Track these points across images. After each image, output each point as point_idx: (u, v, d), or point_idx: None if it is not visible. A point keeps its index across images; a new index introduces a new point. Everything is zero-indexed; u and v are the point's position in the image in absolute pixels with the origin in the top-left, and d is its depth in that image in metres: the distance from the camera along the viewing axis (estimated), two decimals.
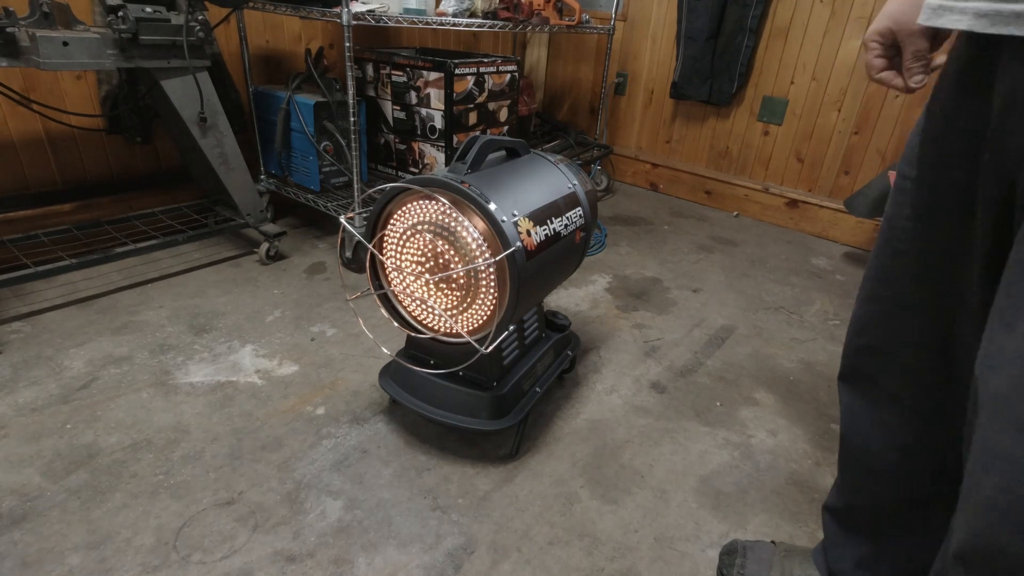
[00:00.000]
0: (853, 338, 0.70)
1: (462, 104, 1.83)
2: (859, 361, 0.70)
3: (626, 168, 2.85)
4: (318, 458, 1.05)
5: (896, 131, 2.09)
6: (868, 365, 0.68)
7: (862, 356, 0.69)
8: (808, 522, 0.99)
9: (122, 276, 1.62)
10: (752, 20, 2.23)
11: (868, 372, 0.69)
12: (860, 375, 0.70)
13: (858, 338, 0.69)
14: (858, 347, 0.69)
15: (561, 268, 1.08)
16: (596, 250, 2.04)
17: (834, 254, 2.17)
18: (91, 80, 1.65)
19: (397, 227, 0.97)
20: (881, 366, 0.67)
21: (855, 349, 0.70)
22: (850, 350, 0.71)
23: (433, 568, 0.86)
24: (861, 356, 0.69)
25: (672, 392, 1.30)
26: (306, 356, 1.33)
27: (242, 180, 1.66)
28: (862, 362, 0.69)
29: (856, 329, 0.69)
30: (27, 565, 0.82)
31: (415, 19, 1.62)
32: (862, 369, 0.70)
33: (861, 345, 0.69)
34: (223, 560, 0.85)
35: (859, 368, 0.70)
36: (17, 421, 1.08)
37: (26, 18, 1.22)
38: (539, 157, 1.11)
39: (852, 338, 0.70)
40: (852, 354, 0.71)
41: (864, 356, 0.69)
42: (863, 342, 0.68)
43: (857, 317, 0.69)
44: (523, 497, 0.99)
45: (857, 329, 0.69)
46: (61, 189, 1.67)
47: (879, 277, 0.65)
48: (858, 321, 0.69)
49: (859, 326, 0.69)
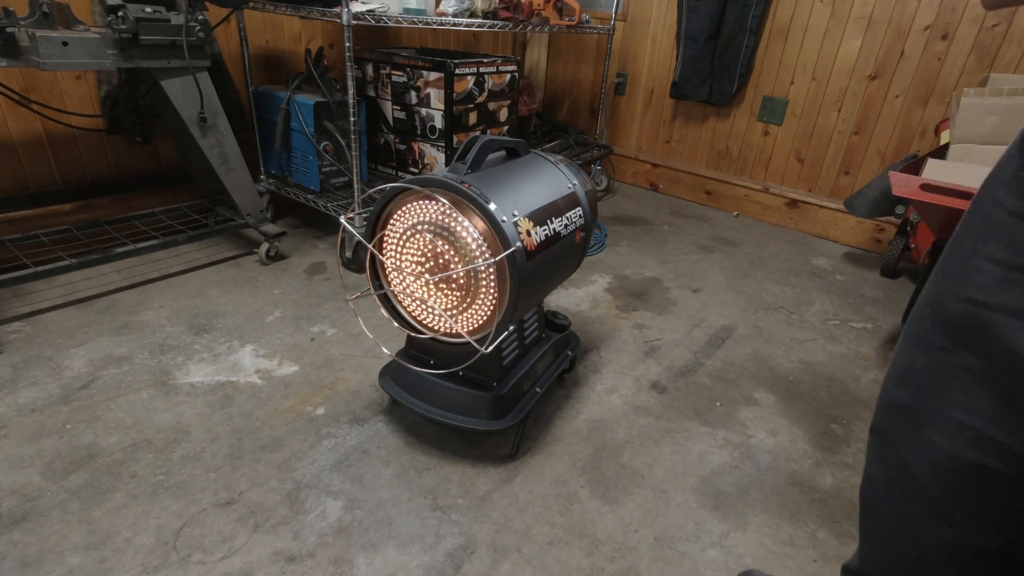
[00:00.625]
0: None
1: (462, 104, 1.83)
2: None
3: (626, 168, 2.85)
4: (318, 458, 1.05)
5: (896, 131, 2.09)
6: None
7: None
8: (808, 522, 0.99)
9: (122, 276, 1.62)
10: (752, 20, 2.23)
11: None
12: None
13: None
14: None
15: (561, 268, 1.08)
16: (596, 250, 2.04)
17: (834, 254, 2.17)
18: (91, 80, 1.65)
19: (397, 227, 0.97)
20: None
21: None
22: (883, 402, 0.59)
23: (433, 568, 0.86)
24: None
25: (672, 392, 1.30)
26: (306, 356, 1.33)
27: (242, 180, 1.66)
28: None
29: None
30: (27, 565, 0.82)
31: (415, 19, 1.62)
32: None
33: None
34: (223, 560, 0.85)
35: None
36: (17, 421, 1.08)
37: (26, 18, 1.22)
38: (539, 157, 1.10)
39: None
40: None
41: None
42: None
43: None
44: (523, 497, 0.99)
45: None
46: (61, 189, 1.67)
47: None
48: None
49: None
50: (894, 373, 0.57)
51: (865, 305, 1.78)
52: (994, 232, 0.47)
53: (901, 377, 0.56)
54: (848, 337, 1.59)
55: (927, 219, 1.44)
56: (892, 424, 0.57)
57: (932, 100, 2.00)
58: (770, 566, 0.91)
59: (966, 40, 1.88)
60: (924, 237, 1.72)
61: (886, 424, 0.58)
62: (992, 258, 0.47)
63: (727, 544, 0.94)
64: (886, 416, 0.58)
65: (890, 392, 0.58)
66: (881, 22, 2.02)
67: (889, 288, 1.91)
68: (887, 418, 0.58)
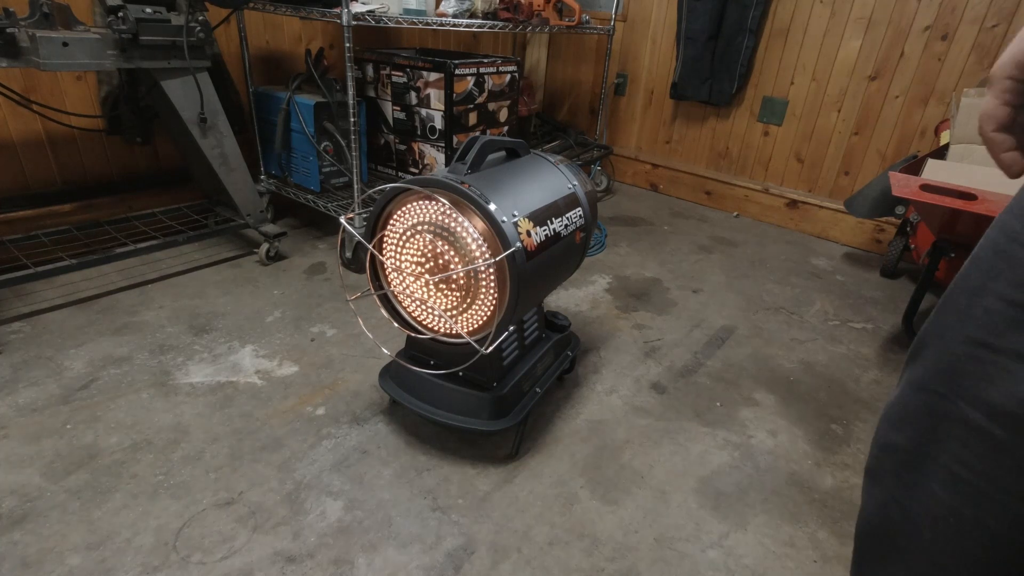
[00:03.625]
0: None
1: (462, 105, 1.83)
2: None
3: (626, 168, 2.86)
4: (318, 458, 1.05)
5: (896, 132, 2.09)
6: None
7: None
8: (808, 523, 0.99)
9: (122, 276, 1.62)
10: (752, 21, 2.23)
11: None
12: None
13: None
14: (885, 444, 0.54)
15: (561, 268, 1.08)
16: (596, 250, 2.04)
17: (834, 254, 2.17)
18: (91, 81, 1.65)
19: (397, 227, 0.97)
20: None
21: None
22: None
23: (433, 568, 0.86)
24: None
25: (672, 392, 1.30)
26: (306, 357, 1.33)
27: (242, 180, 1.66)
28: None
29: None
30: (27, 566, 0.82)
31: (415, 20, 1.62)
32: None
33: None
34: (223, 560, 0.85)
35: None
36: (17, 422, 1.08)
37: (26, 19, 1.22)
38: (539, 157, 1.11)
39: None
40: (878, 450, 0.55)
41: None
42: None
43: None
44: (523, 497, 0.99)
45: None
46: (61, 189, 1.68)
47: None
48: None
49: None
50: (891, 414, 0.54)
51: (865, 305, 1.78)
52: (1008, 268, 0.43)
53: (899, 419, 0.53)
54: (848, 337, 1.59)
55: (927, 219, 1.44)
56: (888, 468, 0.54)
57: (932, 100, 2.00)
58: (770, 566, 0.91)
59: (966, 40, 1.89)
60: (924, 237, 1.72)
61: (882, 468, 0.55)
62: (1003, 296, 0.43)
63: (727, 544, 0.94)
64: (882, 459, 0.55)
65: (886, 434, 0.54)
66: (881, 22, 2.03)
67: (889, 288, 1.91)
68: (883, 461, 0.55)
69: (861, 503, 0.58)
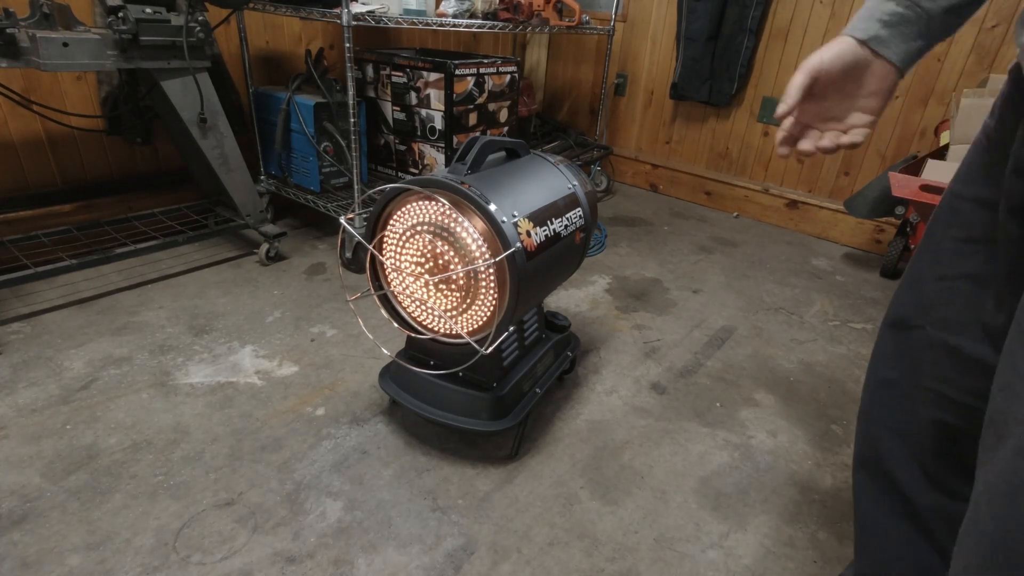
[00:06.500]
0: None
1: (462, 105, 1.83)
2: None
3: (626, 169, 2.86)
4: (318, 459, 1.05)
5: (896, 132, 2.09)
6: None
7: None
8: (808, 523, 0.99)
9: (122, 277, 1.62)
10: (752, 21, 2.23)
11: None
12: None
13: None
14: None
15: (561, 269, 1.08)
16: (596, 251, 2.04)
17: (834, 255, 2.17)
18: (91, 81, 1.65)
19: (397, 228, 0.97)
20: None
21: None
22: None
23: (433, 569, 0.86)
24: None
25: (672, 393, 1.30)
26: (306, 357, 1.33)
27: (242, 181, 1.66)
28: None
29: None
30: (27, 566, 0.82)
31: (415, 20, 1.62)
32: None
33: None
34: (223, 561, 0.85)
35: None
36: (17, 422, 1.08)
37: (26, 19, 1.22)
38: (539, 158, 1.11)
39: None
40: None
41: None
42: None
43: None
44: (523, 498, 0.99)
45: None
46: (61, 190, 1.67)
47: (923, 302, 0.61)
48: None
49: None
50: (877, 358, 0.66)
51: (865, 306, 1.78)
52: (955, 219, 0.57)
53: (884, 360, 0.65)
54: (848, 338, 1.59)
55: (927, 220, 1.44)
56: (881, 402, 0.65)
57: (932, 101, 2.00)
58: (770, 567, 0.91)
59: (966, 41, 1.89)
60: None
61: (875, 404, 0.66)
62: (954, 238, 0.57)
63: (727, 545, 0.94)
64: (875, 396, 0.66)
65: (877, 373, 0.66)
66: None
67: (889, 289, 1.91)
68: (876, 398, 0.66)
69: (855, 447, 0.70)
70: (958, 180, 0.58)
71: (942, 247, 0.58)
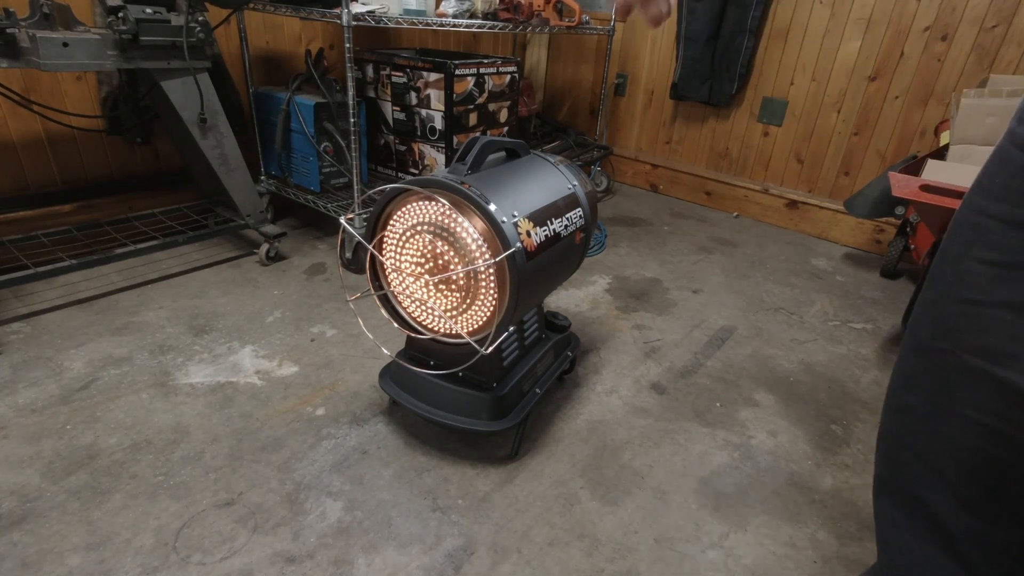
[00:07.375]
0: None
1: (462, 105, 1.83)
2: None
3: (626, 169, 2.86)
4: (318, 459, 1.05)
5: (896, 132, 2.09)
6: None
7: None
8: (808, 523, 0.99)
9: (122, 277, 1.62)
10: (752, 21, 2.23)
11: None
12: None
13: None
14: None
15: (561, 269, 1.08)
16: (596, 251, 2.04)
17: (834, 255, 2.17)
18: (91, 81, 1.65)
19: (397, 228, 0.97)
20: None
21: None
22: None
23: (433, 569, 0.86)
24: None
25: (672, 393, 1.30)
26: (306, 357, 1.33)
27: (242, 181, 1.66)
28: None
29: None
30: (27, 566, 0.82)
31: (415, 20, 1.62)
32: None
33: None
34: (223, 561, 0.85)
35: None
36: (17, 422, 1.08)
37: (26, 19, 1.22)
38: (539, 158, 1.11)
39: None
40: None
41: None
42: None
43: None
44: (523, 498, 0.99)
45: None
46: (61, 190, 1.68)
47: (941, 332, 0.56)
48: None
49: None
50: (898, 380, 0.61)
51: (865, 306, 1.78)
52: (979, 236, 0.52)
53: (910, 381, 0.59)
54: (848, 338, 1.59)
55: (927, 220, 1.44)
56: (905, 427, 0.60)
57: (932, 101, 2.00)
58: (770, 567, 0.91)
59: (966, 41, 1.89)
60: (924, 238, 1.72)
61: (898, 428, 0.61)
62: (980, 259, 0.52)
63: (727, 545, 0.94)
64: (898, 419, 0.61)
65: (899, 397, 0.60)
66: (880, 23, 2.03)
67: (889, 289, 1.91)
68: (899, 421, 0.61)
69: (875, 470, 0.64)
70: (981, 194, 0.53)
71: (965, 267, 0.53)
